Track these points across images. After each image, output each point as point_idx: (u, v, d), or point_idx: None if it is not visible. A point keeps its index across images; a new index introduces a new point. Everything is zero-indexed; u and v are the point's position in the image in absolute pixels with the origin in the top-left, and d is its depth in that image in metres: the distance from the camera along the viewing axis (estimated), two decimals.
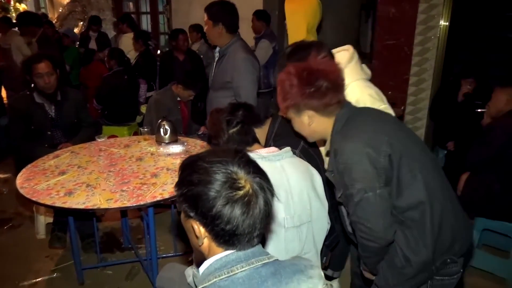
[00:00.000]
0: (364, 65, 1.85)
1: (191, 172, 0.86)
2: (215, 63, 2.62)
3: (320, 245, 1.54)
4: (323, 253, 1.77)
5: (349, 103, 1.40)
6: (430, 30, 3.82)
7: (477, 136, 2.52)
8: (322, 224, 1.51)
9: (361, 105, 1.58)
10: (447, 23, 3.80)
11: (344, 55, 1.75)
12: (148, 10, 6.73)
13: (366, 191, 1.22)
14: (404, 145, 1.27)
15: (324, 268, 2.31)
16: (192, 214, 0.85)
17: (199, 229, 0.86)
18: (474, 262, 2.55)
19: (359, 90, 1.71)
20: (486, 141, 2.36)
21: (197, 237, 0.87)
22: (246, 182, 0.83)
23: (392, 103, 3.87)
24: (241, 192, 0.82)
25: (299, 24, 2.28)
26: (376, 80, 4.07)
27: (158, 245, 2.74)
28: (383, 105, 1.72)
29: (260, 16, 4.31)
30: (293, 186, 1.42)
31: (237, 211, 0.81)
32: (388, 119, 1.39)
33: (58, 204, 1.84)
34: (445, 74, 4.12)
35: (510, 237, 2.42)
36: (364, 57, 6.52)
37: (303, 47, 1.61)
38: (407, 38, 3.94)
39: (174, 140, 2.60)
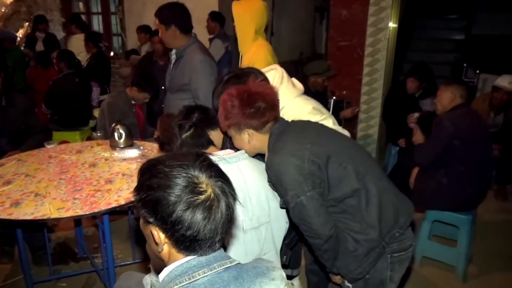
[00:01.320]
0: (294, 79, 1.92)
1: (150, 176, 0.83)
2: (171, 66, 2.57)
3: (279, 245, 1.55)
4: (282, 252, 1.79)
5: (282, 119, 1.52)
6: (380, 32, 3.97)
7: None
8: (280, 224, 1.52)
9: (303, 117, 1.71)
10: (396, 25, 3.97)
11: (274, 74, 1.82)
12: (99, 10, 6.49)
13: (298, 196, 1.35)
14: (329, 145, 1.41)
15: (283, 267, 2.34)
16: (151, 219, 0.82)
17: (159, 235, 0.83)
18: (425, 252, 2.69)
19: (298, 109, 1.79)
20: (434, 134, 2.49)
21: (156, 243, 0.85)
22: (207, 186, 0.82)
23: (347, 102, 4.04)
24: (202, 197, 0.80)
25: (247, 26, 2.33)
26: (331, 80, 4.23)
27: (116, 253, 2.65)
28: (322, 116, 1.79)
29: (214, 17, 4.35)
30: (251, 187, 1.42)
31: (199, 216, 0.79)
32: (311, 128, 1.53)
33: (3, 216, 1.72)
34: (395, 74, 4.30)
35: (458, 227, 2.57)
36: (320, 58, 6.68)
37: (239, 76, 1.66)
38: (359, 40, 4.07)
39: (129, 145, 2.53)
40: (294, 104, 1.80)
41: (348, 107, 3.87)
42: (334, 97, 3.68)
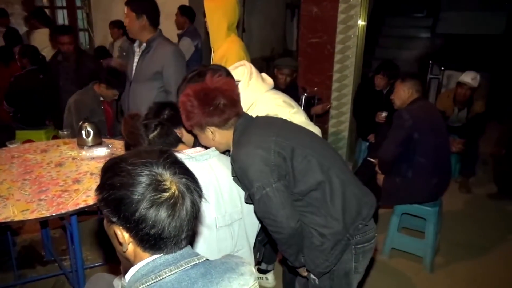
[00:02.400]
0: (263, 74, 1.92)
1: (112, 175, 0.81)
2: (137, 57, 2.58)
3: (252, 241, 1.55)
4: (256, 248, 1.80)
5: (246, 114, 1.53)
6: (350, 29, 4.04)
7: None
8: (253, 220, 1.52)
9: (273, 115, 1.72)
10: (365, 23, 4.05)
11: (242, 70, 1.83)
12: (64, 4, 6.26)
13: (264, 187, 1.35)
14: (293, 139, 1.43)
15: (258, 262, 2.35)
16: (114, 219, 0.81)
17: (123, 235, 0.82)
18: (394, 244, 2.77)
19: (269, 103, 1.80)
20: (395, 127, 2.57)
21: (120, 243, 0.83)
22: (171, 183, 0.80)
23: (318, 98, 4.08)
24: (166, 194, 0.79)
25: (220, 22, 2.33)
26: (303, 77, 4.26)
27: (85, 255, 2.58)
28: (292, 110, 1.81)
29: (184, 11, 4.26)
30: (223, 184, 1.41)
31: (163, 213, 0.78)
32: (276, 122, 1.55)
33: None
34: (364, 71, 4.39)
35: (425, 219, 2.66)
36: (291, 55, 6.73)
37: (201, 73, 1.66)
38: (330, 37, 4.12)
39: (98, 143, 2.45)
40: (265, 98, 1.81)
41: (319, 104, 3.93)
42: (305, 94, 3.72)
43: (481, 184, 4.02)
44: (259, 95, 1.80)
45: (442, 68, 5.98)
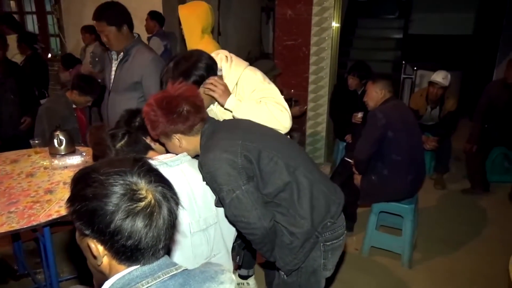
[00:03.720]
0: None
1: (84, 186, 0.78)
2: (115, 65, 2.49)
3: (230, 244, 1.54)
4: (235, 252, 1.78)
5: (211, 119, 1.54)
6: (324, 31, 4.09)
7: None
8: (229, 224, 1.51)
9: (251, 85, 1.76)
10: (338, 25, 4.10)
11: (221, 56, 1.85)
12: (34, 9, 6.09)
13: (233, 191, 1.36)
14: (259, 141, 1.44)
15: (238, 267, 2.34)
16: (87, 232, 0.78)
17: (97, 248, 0.79)
18: (373, 243, 2.81)
19: (250, 78, 1.82)
20: (369, 126, 2.61)
21: (94, 256, 0.80)
22: (147, 192, 0.78)
23: (295, 100, 4.11)
24: (142, 204, 0.76)
25: (194, 27, 2.35)
26: (280, 79, 4.27)
27: (60, 267, 2.50)
28: (267, 83, 1.83)
29: (154, 16, 4.33)
30: (196, 189, 1.40)
31: (139, 224, 0.76)
32: (242, 125, 1.57)
33: None
34: (340, 72, 4.44)
35: (402, 217, 2.70)
36: (268, 57, 6.75)
37: (187, 57, 1.68)
38: (304, 39, 4.16)
39: (71, 151, 2.39)
40: (247, 74, 1.82)
41: (296, 105, 3.95)
42: (282, 96, 3.73)
43: (455, 180, 4.13)
44: (241, 72, 1.82)
45: (415, 68, 6.13)
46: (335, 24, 4.06)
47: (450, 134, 4.06)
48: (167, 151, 1.53)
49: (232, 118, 1.73)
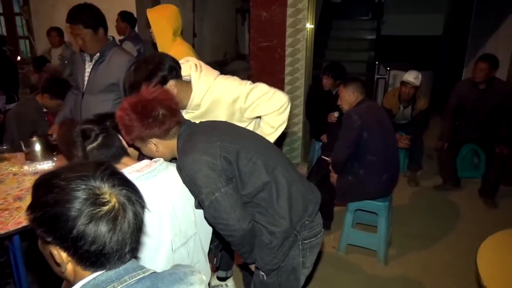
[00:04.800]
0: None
1: (45, 192, 0.76)
2: (89, 67, 2.45)
3: (207, 248, 1.53)
4: (213, 253, 1.78)
5: (188, 121, 1.52)
6: (299, 33, 4.13)
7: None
8: (206, 228, 1.50)
9: (230, 94, 1.77)
10: (312, 26, 4.15)
11: (189, 65, 1.84)
12: (1, 11, 5.90)
13: (213, 193, 1.35)
14: (238, 142, 1.43)
15: (215, 269, 2.33)
16: (49, 239, 0.76)
17: (60, 255, 0.77)
18: (350, 240, 2.85)
19: (224, 84, 1.82)
20: (345, 128, 2.65)
21: (58, 264, 0.78)
22: (111, 196, 0.77)
23: None
24: (106, 208, 0.75)
25: (165, 30, 2.35)
26: (256, 80, 4.27)
27: (31, 277, 2.43)
28: (249, 82, 1.86)
29: (124, 17, 4.21)
30: (175, 201, 1.35)
31: (103, 228, 0.74)
32: (220, 126, 1.57)
33: None
34: (315, 73, 4.50)
35: (377, 214, 2.75)
36: (244, 59, 6.77)
37: (147, 60, 1.67)
38: (280, 40, 4.18)
39: (48, 157, 2.34)
40: (219, 82, 1.82)
41: None
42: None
43: (427, 177, 4.24)
44: (212, 79, 1.80)
45: (388, 68, 6.26)
46: (309, 26, 4.10)
47: (422, 132, 4.18)
48: (141, 155, 1.50)
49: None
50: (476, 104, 3.67)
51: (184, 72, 1.79)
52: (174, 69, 1.68)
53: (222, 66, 6.34)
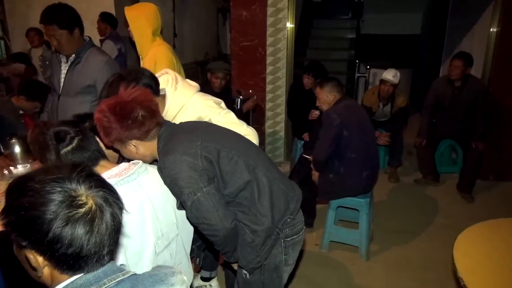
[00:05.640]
0: (188, 80, 1.94)
1: (19, 195, 0.75)
2: (65, 68, 2.40)
3: (189, 249, 1.53)
4: (195, 254, 1.77)
5: (168, 122, 1.51)
6: (280, 32, 4.15)
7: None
8: (188, 228, 1.49)
9: (204, 116, 1.75)
10: (293, 25, 4.18)
11: (166, 78, 1.82)
12: None
13: (194, 193, 1.34)
14: (218, 142, 1.44)
15: (198, 270, 2.33)
16: (25, 243, 0.75)
17: (36, 259, 0.76)
18: (332, 237, 2.88)
19: (199, 104, 1.81)
20: (325, 127, 2.68)
21: (34, 268, 0.77)
22: (88, 198, 0.76)
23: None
24: (82, 210, 0.75)
25: (144, 29, 2.31)
26: (237, 80, 4.29)
27: (8, 284, 2.37)
28: (224, 111, 1.84)
29: (105, 18, 4.20)
30: (156, 204, 1.33)
31: (80, 231, 0.74)
32: (200, 126, 1.56)
33: None
34: (296, 72, 4.53)
35: (358, 210, 2.80)
36: (226, 58, 6.76)
37: (123, 76, 1.63)
38: (260, 40, 4.20)
39: (29, 160, 2.29)
40: (195, 100, 1.80)
41: (256, 106, 4.00)
42: (240, 96, 3.76)
43: (407, 173, 4.32)
44: (187, 98, 1.79)
45: (368, 67, 6.35)
46: (290, 25, 4.13)
47: (402, 129, 4.26)
48: (120, 157, 1.49)
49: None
50: (452, 101, 3.76)
51: (162, 84, 1.77)
52: (150, 86, 1.63)
53: (203, 65, 6.32)
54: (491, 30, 3.88)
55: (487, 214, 3.26)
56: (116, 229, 0.81)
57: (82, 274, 0.78)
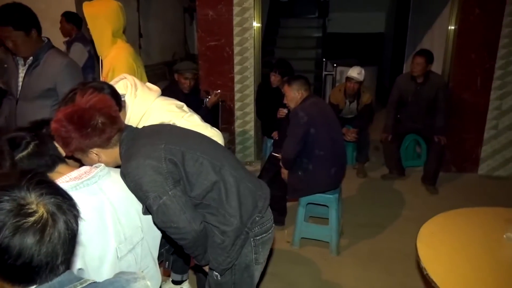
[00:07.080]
0: (148, 84, 1.90)
1: None
2: (22, 72, 2.29)
3: (156, 254, 1.50)
4: (164, 258, 1.75)
5: (129, 126, 1.49)
6: (246, 31, 4.16)
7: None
8: (155, 233, 1.47)
9: (167, 121, 1.72)
10: (259, 24, 4.19)
11: (125, 83, 1.78)
12: None
13: (160, 197, 1.32)
14: (182, 144, 1.42)
15: (168, 274, 2.30)
16: None
17: None
18: (303, 234, 2.92)
19: (161, 109, 1.78)
20: (292, 125, 2.71)
21: None
22: (38, 206, 0.74)
23: (222, 100, 4.12)
24: (32, 218, 0.72)
25: (103, 28, 2.19)
26: (205, 80, 4.26)
27: None
28: (187, 114, 1.82)
29: (69, 18, 4.00)
30: (118, 207, 1.30)
31: (29, 240, 0.71)
32: (163, 129, 1.54)
33: None
34: (264, 71, 4.55)
35: (328, 206, 2.84)
36: (194, 58, 6.69)
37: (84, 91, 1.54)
38: (227, 39, 4.19)
39: None
40: (156, 105, 1.77)
41: (224, 106, 3.98)
42: (209, 96, 3.73)
43: (374, 168, 4.44)
44: (149, 104, 1.75)
45: (335, 65, 6.47)
46: (256, 24, 4.14)
47: (368, 125, 4.36)
48: (82, 164, 1.44)
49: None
50: (415, 97, 3.89)
51: (121, 90, 1.72)
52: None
53: (171, 66, 6.23)
54: (449, 27, 4.04)
55: (450, 205, 3.36)
56: (71, 237, 0.78)
57: (35, 286, 0.75)
